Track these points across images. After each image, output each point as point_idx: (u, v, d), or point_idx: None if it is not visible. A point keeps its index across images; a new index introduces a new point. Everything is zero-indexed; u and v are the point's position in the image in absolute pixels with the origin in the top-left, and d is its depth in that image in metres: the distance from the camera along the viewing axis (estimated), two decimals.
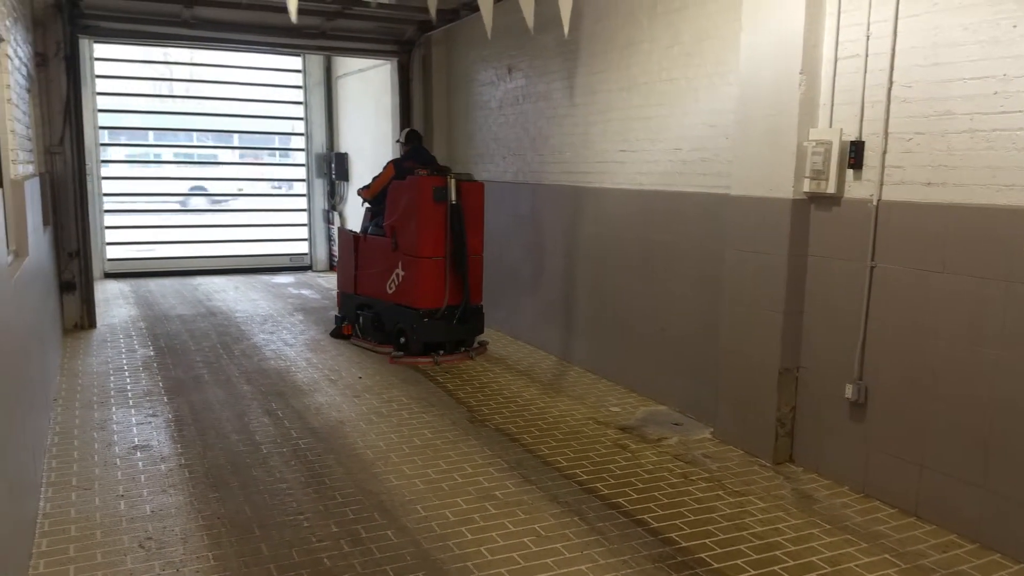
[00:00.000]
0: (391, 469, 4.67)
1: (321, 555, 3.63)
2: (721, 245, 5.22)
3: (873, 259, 4.26)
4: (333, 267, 12.02)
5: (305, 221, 13.52)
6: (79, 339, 7.90)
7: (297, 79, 13.20)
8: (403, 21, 9.55)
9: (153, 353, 7.38)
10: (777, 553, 3.74)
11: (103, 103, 11.85)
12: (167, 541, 3.73)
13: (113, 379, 6.47)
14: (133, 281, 11.75)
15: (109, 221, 12.14)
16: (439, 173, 7.22)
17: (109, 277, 11.97)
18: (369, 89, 11.71)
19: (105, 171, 12.04)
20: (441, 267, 7.14)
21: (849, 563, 3.65)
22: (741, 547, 3.79)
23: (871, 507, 4.24)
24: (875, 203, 4.23)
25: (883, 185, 4.21)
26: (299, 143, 13.48)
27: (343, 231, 8.72)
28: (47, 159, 7.63)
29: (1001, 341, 3.69)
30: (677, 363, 5.86)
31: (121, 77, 12.07)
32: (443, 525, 3.96)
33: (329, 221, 13.33)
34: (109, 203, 12.10)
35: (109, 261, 12.17)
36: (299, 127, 13.41)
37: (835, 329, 4.53)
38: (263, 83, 13.04)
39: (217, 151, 13.69)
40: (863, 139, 4.29)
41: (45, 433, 4.97)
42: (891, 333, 4.21)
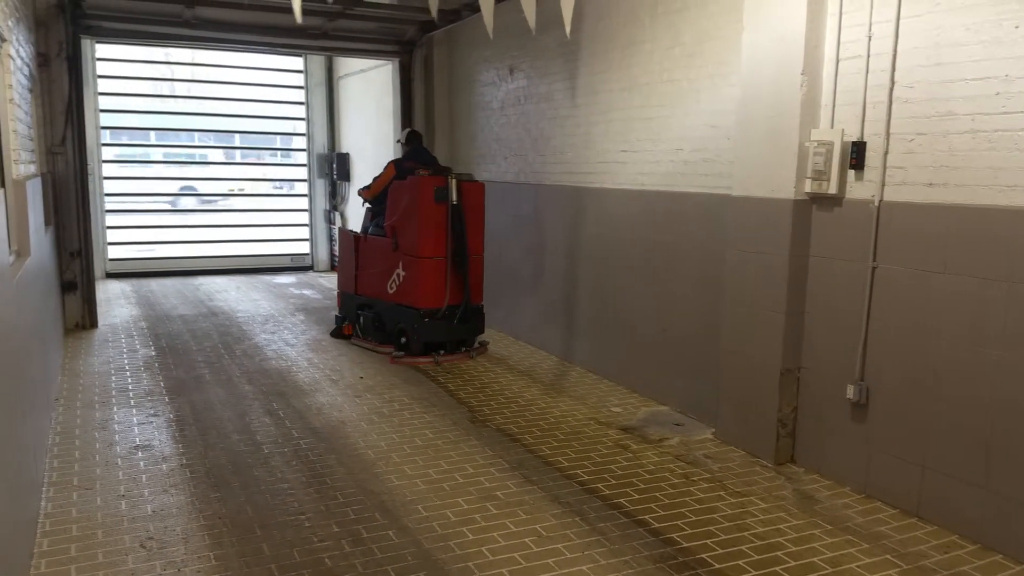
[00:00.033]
0: (392, 469, 4.67)
1: (322, 555, 3.64)
2: (722, 246, 5.22)
3: (875, 260, 4.26)
4: (334, 267, 12.01)
5: (306, 221, 13.53)
6: (80, 339, 7.91)
7: (299, 79, 13.21)
8: (404, 21, 9.56)
9: (154, 353, 7.38)
10: (778, 554, 3.74)
11: (105, 103, 11.87)
12: (168, 541, 3.74)
13: (114, 379, 6.47)
14: (134, 281, 11.77)
15: (110, 221, 12.16)
16: (440, 173, 7.23)
17: (110, 277, 11.99)
18: (370, 89, 11.72)
19: (107, 171, 12.05)
20: (442, 267, 7.14)
21: (850, 564, 3.65)
22: (742, 548, 3.79)
23: (873, 508, 4.24)
24: (877, 204, 4.23)
25: (885, 186, 4.21)
26: (300, 143, 13.49)
27: (344, 231, 8.72)
28: (49, 159, 7.65)
29: (1003, 342, 3.68)
30: (678, 363, 5.86)
31: (123, 77, 12.09)
32: (444, 525, 3.96)
33: (330, 221, 13.33)
34: (110, 203, 12.12)
35: (110, 261, 12.19)
36: (300, 127, 13.42)
37: (837, 330, 4.53)
38: (265, 83, 13.05)
39: (219, 151, 13.69)
40: (865, 140, 4.29)
41: (46, 433, 4.97)
42: (893, 334, 4.21)
